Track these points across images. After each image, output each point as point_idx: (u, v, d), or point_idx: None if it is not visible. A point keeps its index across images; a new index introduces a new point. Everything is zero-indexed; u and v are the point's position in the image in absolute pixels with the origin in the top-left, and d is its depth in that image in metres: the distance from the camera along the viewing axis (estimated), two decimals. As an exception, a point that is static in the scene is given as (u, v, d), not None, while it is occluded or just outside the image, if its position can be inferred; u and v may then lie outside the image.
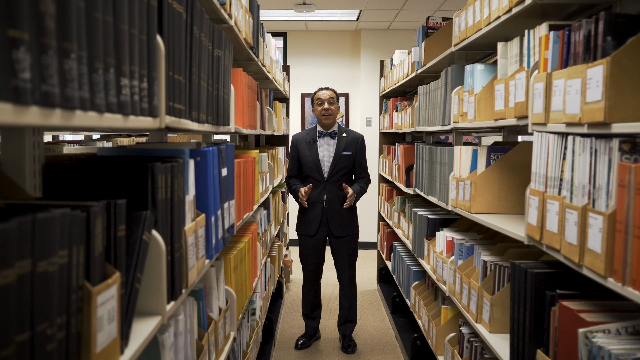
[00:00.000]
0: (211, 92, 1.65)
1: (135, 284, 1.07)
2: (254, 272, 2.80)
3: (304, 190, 3.64)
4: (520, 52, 1.86)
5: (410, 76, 3.76)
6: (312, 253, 3.80)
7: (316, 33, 7.44)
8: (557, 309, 1.49)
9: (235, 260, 2.20)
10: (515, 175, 2.22)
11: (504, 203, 2.23)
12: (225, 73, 1.91)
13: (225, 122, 1.92)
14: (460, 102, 2.42)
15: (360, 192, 3.77)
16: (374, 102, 7.11)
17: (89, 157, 1.36)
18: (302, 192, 3.65)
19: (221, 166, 1.80)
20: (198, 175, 1.58)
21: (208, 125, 1.64)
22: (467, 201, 2.28)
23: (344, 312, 3.86)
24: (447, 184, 2.61)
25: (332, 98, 3.74)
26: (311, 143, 3.76)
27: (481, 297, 2.12)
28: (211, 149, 1.65)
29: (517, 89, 1.73)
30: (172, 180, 1.24)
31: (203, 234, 1.53)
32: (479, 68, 2.29)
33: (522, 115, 1.71)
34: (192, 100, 1.41)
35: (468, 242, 2.50)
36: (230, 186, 1.96)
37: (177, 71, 1.26)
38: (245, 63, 3.12)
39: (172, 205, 1.24)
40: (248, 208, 2.51)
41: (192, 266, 1.40)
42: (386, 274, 5.20)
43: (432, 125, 2.99)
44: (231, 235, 1.97)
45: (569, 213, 1.39)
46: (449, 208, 2.57)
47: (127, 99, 0.96)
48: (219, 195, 1.75)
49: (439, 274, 2.76)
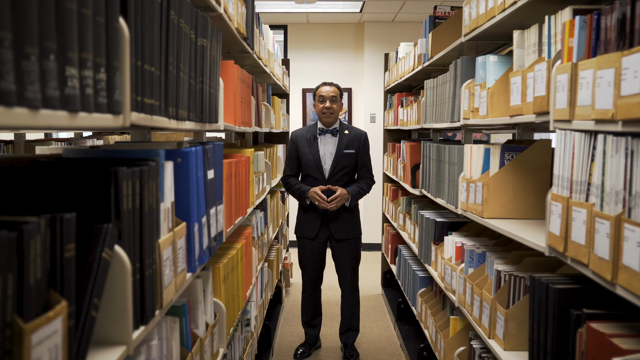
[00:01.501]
0: (194, 86, 1.48)
1: (92, 312, 0.89)
2: (248, 279, 2.63)
3: (319, 189, 3.42)
4: (539, 41, 1.68)
5: (417, 69, 3.57)
6: (311, 257, 3.63)
7: (318, 26, 7.25)
8: (584, 331, 1.31)
9: (225, 270, 2.02)
10: (531, 176, 2.04)
11: (519, 207, 2.05)
12: (213, 65, 1.73)
13: (212, 119, 1.75)
14: (470, 96, 2.24)
15: (358, 194, 3.53)
16: (378, 97, 6.92)
17: (48, 160, 1.19)
18: (318, 193, 3.41)
19: (207, 168, 1.62)
20: (178, 179, 1.41)
21: (191, 123, 1.47)
22: (478, 205, 2.10)
23: (346, 320, 3.69)
24: (456, 185, 2.43)
25: (335, 96, 3.55)
26: (311, 140, 3.58)
27: (494, 310, 1.95)
28: (194, 149, 1.48)
29: (537, 81, 1.55)
30: (142, 186, 1.07)
31: (184, 245, 1.36)
32: (492, 60, 2.11)
33: (542, 111, 1.53)
34: (169, 94, 1.24)
35: (479, 248, 2.32)
36: (219, 189, 1.79)
37: (148, 61, 1.09)
38: (239, 56, 2.95)
39: (142, 215, 1.07)
40: (241, 212, 2.34)
41: (169, 283, 1.23)
42: (391, 278, 5.03)
43: (440, 122, 2.81)
44: (219, 243, 1.79)
45: (600, 223, 1.21)
46: (458, 212, 2.39)
47: (74, 93, 0.78)
48: (204, 201, 1.58)
49: (448, 282, 2.58)
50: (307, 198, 3.49)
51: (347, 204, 3.51)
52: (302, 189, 3.51)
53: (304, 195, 3.49)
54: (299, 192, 3.52)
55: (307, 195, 3.46)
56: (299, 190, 3.52)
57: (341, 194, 3.45)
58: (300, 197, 3.53)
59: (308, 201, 3.51)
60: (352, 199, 3.50)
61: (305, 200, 3.51)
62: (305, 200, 3.51)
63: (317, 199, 3.41)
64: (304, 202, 3.53)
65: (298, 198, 3.56)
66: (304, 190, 3.49)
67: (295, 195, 3.56)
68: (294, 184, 3.56)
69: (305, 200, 3.51)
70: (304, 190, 3.49)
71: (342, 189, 3.46)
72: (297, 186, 3.54)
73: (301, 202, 3.55)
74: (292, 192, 3.58)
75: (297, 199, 3.57)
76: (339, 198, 3.44)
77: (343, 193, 3.45)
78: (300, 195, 3.52)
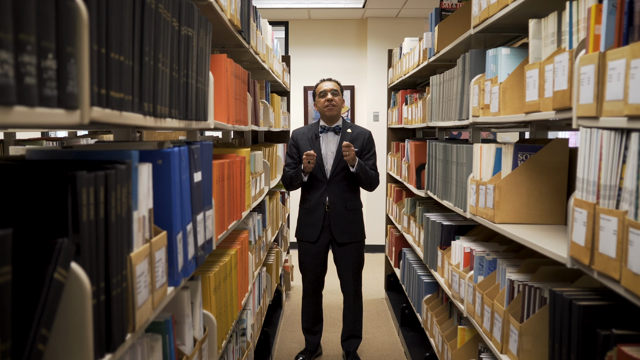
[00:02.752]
0: (177, 80, 1.33)
1: (37, 345, 0.75)
2: (244, 287, 2.49)
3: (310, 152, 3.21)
4: (558, 30, 1.53)
5: (422, 65, 3.42)
6: (312, 262, 3.48)
7: (319, 22, 7.10)
8: (614, 354, 1.16)
9: (216, 279, 1.88)
10: (546, 178, 1.88)
11: (533, 212, 1.89)
12: (201, 58, 1.59)
13: (200, 117, 1.60)
14: (480, 92, 2.09)
15: (365, 169, 3.28)
16: (381, 95, 6.76)
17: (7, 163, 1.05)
18: (307, 153, 3.19)
19: (193, 170, 1.48)
20: (158, 183, 1.27)
21: (173, 121, 1.32)
22: (489, 209, 1.95)
23: (348, 326, 3.54)
24: (464, 187, 2.28)
25: (336, 90, 3.40)
26: (313, 139, 3.43)
27: (507, 323, 1.79)
28: (177, 150, 1.33)
29: (557, 74, 1.40)
30: (108, 193, 0.92)
31: (163, 257, 1.22)
32: (504, 52, 1.96)
33: (563, 107, 1.37)
34: (145, 88, 1.09)
35: (489, 255, 2.17)
36: (207, 193, 1.64)
37: (116, 48, 0.94)
38: (235, 51, 2.80)
39: (108, 226, 0.92)
40: (235, 216, 2.19)
41: (144, 301, 1.08)
42: (394, 282, 4.88)
43: (447, 120, 2.66)
44: (208, 251, 1.65)
45: (635, 234, 1.06)
46: (467, 215, 2.24)
47: (7, 82, 0.64)
48: (189, 206, 1.44)
49: (455, 290, 2.43)
50: (303, 172, 3.32)
51: (353, 168, 3.28)
52: (297, 169, 3.35)
53: (300, 170, 3.32)
54: (295, 172, 3.35)
55: (303, 166, 3.28)
56: (295, 170, 3.35)
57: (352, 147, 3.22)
58: (297, 176, 3.34)
59: (306, 177, 3.34)
60: (357, 165, 3.27)
61: (303, 176, 3.34)
62: (302, 175, 3.33)
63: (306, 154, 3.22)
64: (301, 178, 3.35)
65: (295, 179, 3.36)
66: (299, 169, 3.33)
67: (292, 178, 3.37)
68: (290, 173, 3.39)
69: (303, 176, 3.34)
70: (299, 169, 3.33)
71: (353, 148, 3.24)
72: (293, 171, 3.38)
73: (299, 180, 3.35)
74: (290, 177, 3.39)
75: (295, 180, 3.37)
76: (351, 148, 3.20)
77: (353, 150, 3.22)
78: (296, 173, 3.34)
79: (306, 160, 3.24)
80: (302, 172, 3.32)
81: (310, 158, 3.22)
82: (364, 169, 3.30)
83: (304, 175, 3.34)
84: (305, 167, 3.28)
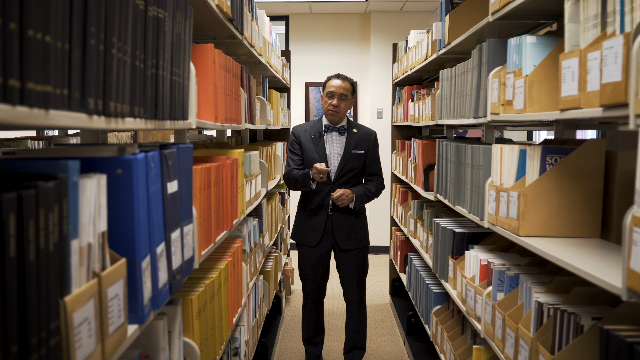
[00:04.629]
0: (142, 71, 1.09)
1: None
2: (236, 302, 2.25)
3: (318, 165, 2.94)
4: (602, 12, 1.28)
5: (430, 58, 3.16)
6: (313, 268, 3.24)
7: (321, 16, 6.84)
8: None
9: (201, 301, 1.64)
10: (580, 185, 1.64)
11: (564, 223, 1.65)
12: (177, 46, 1.34)
13: (176, 115, 1.36)
14: (501, 87, 1.84)
15: (365, 196, 3.13)
16: (385, 91, 6.50)
17: None
18: (315, 166, 2.93)
19: (166, 179, 1.24)
20: (117, 199, 1.03)
21: (136, 121, 1.08)
22: (513, 219, 1.70)
23: (351, 337, 3.30)
24: (481, 192, 2.04)
25: (345, 94, 3.13)
26: (317, 137, 3.18)
27: (536, 352, 1.55)
28: (144, 156, 1.09)
29: (607, 63, 1.15)
30: (24, 221, 0.68)
31: (121, 292, 0.98)
32: (529, 41, 1.71)
33: (614, 103, 1.13)
34: (89, 79, 0.85)
35: (511, 270, 1.92)
36: (186, 205, 1.40)
37: (38, 26, 0.70)
38: (228, 43, 2.56)
39: (24, 267, 0.68)
40: (225, 225, 1.95)
41: (89, 354, 0.84)
42: (399, 286, 4.63)
43: (460, 118, 2.41)
44: (187, 273, 1.41)
45: None
46: (484, 225, 1.99)
47: None
48: (161, 223, 1.20)
49: (470, 305, 2.18)
50: (312, 180, 3.06)
51: (352, 205, 3.12)
52: (305, 171, 3.06)
53: (309, 178, 3.04)
54: (302, 177, 3.06)
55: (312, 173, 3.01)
56: (302, 174, 3.06)
57: (348, 192, 3.06)
58: (305, 181, 3.06)
59: (314, 184, 3.09)
60: (356, 200, 3.11)
61: (311, 184, 3.07)
62: (311, 183, 3.06)
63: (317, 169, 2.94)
64: (309, 186, 3.07)
65: (302, 184, 3.08)
66: (307, 171, 3.05)
67: (299, 182, 3.09)
68: (297, 173, 3.10)
69: (311, 184, 3.07)
70: (307, 172, 3.05)
71: (345, 189, 3.08)
72: (300, 172, 3.09)
73: (307, 187, 3.08)
74: (295, 180, 3.11)
75: (302, 185, 3.10)
76: (344, 196, 3.05)
77: (346, 192, 3.06)
78: (304, 178, 3.06)
79: (318, 175, 2.99)
80: (312, 179, 3.07)
81: (322, 174, 2.97)
82: (364, 199, 3.15)
83: (312, 183, 3.09)
84: (315, 179, 3.04)
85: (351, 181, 3.17)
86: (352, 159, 3.15)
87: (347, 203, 3.10)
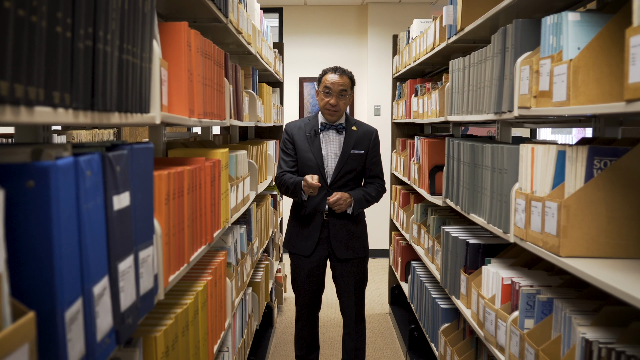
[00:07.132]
0: (68, 42, 0.78)
1: None
2: (219, 326, 1.94)
3: (309, 178, 2.65)
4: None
5: (439, 47, 2.86)
6: (307, 280, 2.93)
7: (316, 8, 6.52)
8: None
9: (168, 338, 1.33)
10: (635, 195, 1.34)
11: (615, 241, 1.35)
12: (132, 16, 1.03)
13: (132, 107, 1.04)
14: (533, 75, 1.54)
15: (364, 200, 2.85)
16: (384, 87, 6.20)
17: None
18: (306, 179, 2.66)
19: (112, 191, 0.93)
20: (26, 222, 0.72)
21: (56, 112, 0.76)
22: (550, 235, 1.40)
23: (348, 356, 2.99)
24: (505, 201, 1.73)
25: (345, 89, 2.83)
26: (312, 136, 2.87)
27: (583, 403, 1.25)
28: (72, 161, 0.78)
29: None
30: None
31: (28, 361, 0.66)
32: (572, 18, 1.40)
33: None
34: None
35: (542, 293, 1.62)
36: (144, 222, 1.09)
37: None
38: (211, 27, 2.25)
39: None
40: (203, 240, 1.64)
41: None
42: (400, 295, 4.33)
43: (477, 113, 2.11)
44: (146, 311, 1.10)
45: None
46: (509, 239, 1.69)
47: None
48: (103, 251, 0.89)
49: (490, 331, 1.88)
50: (302, 191, 2.77)
51: (350, 210, 2.83)
52: (297, 180, 2.78)
53: (300, 188, 2.76)
54: (293, 186, 2.78)
55: (303, 186, 2.73)
56: (294, 183, 2.77)
57: (346, 197, 2.77)
58: (296, 191, 2.78)
59: (306, 196, 2.80)
60: (355, 205, 2.81)
61: (302, 194, 2.79)
62: (302, 193, 2.79)
63: (308, 183, 2.65)
64: (300, 196, 2.80)
65: (293, 193, 2.81)
66: (299, 180, 2.76)
67: (290, 191, 2.81)
68: (288, 179, 2.82)
69: (302, 194, 2.79)
70: (299, 181, 2.76)
71: (343, 193, 2.79)
72: (292, 180, 2.80)
73: (297, 197, 2.82)
74: (286, 188, 2.82)
75: (292, 194, 2.82)
76: (341, 200, 2.76)
77: (344, 196, 2.77)
78: (295, 188, 2.78)
79: (308, 190, 2.70)
80: (302, 190, 2.77)
81: (312, 189, 2.68)
82: (363, 204, 2.88)
83: (303, 194, 2.79)
84: (305, 192, 2.74)
85: (349, 184, 2.88)
86: (350, 160, 2.85)
87: (344, 208, 2.81)
